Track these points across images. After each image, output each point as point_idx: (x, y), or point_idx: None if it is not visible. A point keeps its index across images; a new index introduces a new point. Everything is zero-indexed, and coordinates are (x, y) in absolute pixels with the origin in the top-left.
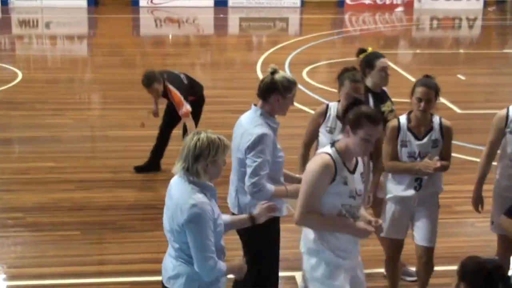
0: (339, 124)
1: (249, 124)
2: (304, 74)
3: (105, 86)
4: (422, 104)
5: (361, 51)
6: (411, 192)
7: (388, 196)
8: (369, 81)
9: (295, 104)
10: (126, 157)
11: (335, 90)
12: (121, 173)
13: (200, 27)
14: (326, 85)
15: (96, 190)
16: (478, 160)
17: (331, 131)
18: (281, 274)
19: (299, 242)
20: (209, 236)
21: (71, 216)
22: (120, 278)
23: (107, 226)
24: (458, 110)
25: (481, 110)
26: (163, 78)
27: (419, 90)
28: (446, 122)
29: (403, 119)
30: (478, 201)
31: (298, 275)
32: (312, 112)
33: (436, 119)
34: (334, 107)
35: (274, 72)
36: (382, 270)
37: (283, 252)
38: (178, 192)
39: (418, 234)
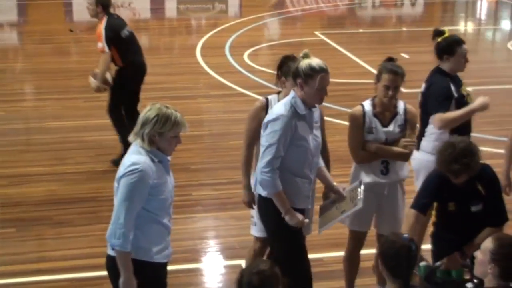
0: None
1: (278, 104)
2: (245, 57)
3: (38, 75)
4: (390, 92)
5: (438, 33)
6: (379, 177)
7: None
8: (445, 66)
9: (235, 87)
10: (63, 149)
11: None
12: (58, 166)
13: (136, 11)
14: (268, 68)
15: (32, 185)
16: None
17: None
18: (226, 263)
19: (245, 229)
20: (135, 199)
21: (5, 213)
22: (60, 275)
23: (44, 221)
24: (403, 90)
25: None
26: (107, 12)
27: (387, 77)
28: (410, 107)
29: (367, 105)
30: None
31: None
32: (256, 96)
33: (400, 104)
34: (274, 100)
35: (304, 56)
36: (332, 254)
37: (228, 241)
38: (127, 153)
39: (384, 224)
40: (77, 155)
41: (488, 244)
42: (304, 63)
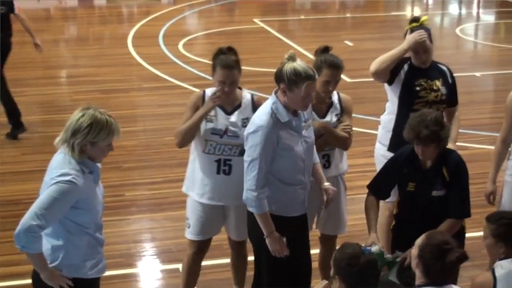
0: (220, 112)
1: (259, 110)
2: (180, 46)
3: None
4: (331, 87)
5: (413, 20)
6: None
7: None
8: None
9: (170, 79)
10: None
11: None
12: None
13: None
14: (204, 58)
15: None
16: (371, 131)
17: (211, 120)
18: (163, 267)
19: (182, 231)
20: (54, 208)
21: None
22: None
23: None
24: (347, 79)
25: (371, 78)
26: None
27: (328, 73)
28: (344, 95)
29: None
30: (492, 192)
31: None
32: (193, 89)
33: (334, 94)
34: (211, 93)
35: (290, 59)
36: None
37: (165, 243)
38: (55, 162)
39: (328, 222)
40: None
41: (419, 238)
42: (288, 67)
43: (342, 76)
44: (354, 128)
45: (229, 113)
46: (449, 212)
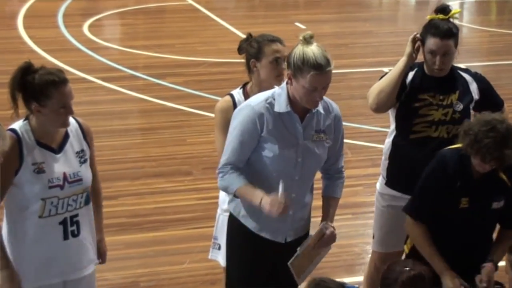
0: (47, 155)
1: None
2: (85, 29)
3: None
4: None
5: (440, 10)
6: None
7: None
8: None
9: (73, 70)
10: None
11: (134, 51)
12: None
13: None
14: (116, 44)
15: None
16: None
17: (41, 170)
18: None
19: None
20: None
21: None
22: None
23: None
24: None
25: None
26: None
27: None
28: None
29: (238, 95)
30: None
31: None
32: (100, 82)
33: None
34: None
35: (305, 41)
36: None
37: None
38: None
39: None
40: None
41: None
42: (298, 51)
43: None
44: None
45: (57, 151)
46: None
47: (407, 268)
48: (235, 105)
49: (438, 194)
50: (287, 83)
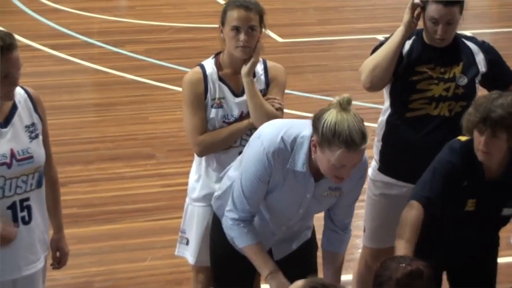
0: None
1: (275, 123)
2: None
3: None
4: (242, 36)
5: None
6: None
7: (200, 194)
8: None
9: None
10: None
11: (88, 14)
12: None
13: None
14: (68, 6)
15: None
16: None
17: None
18: None
19: None
20: None
21: None
22: None
23: None
24: (278, 39)
25: (314, 37)
26: None
27: (235, 15)
28: (273, 63)
29: (209, 66)
30: None
31: None
32: (51, 51)
33: (259, 62)
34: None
35: (341, 106)
36: None
37: None
38: None
39: None
40: None
41: None
42: (330, 117)
43: (272, 35)
44: (287, 111)
45: (3, 125)
46: None
47: (403, 265)
48: (205, 78)
49: (444, 190)
50: (311, 142)
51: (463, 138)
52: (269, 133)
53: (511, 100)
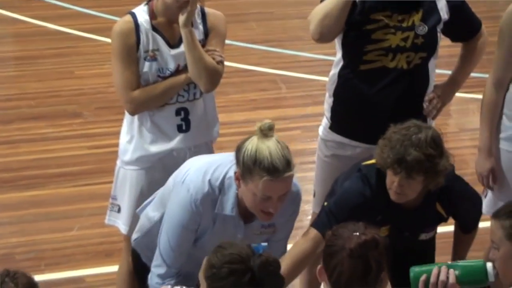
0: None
1: (201, 163)
2: None
3: None
4: None
5: None
6: (174, 139)
7: (133, 156)
8: None
9: None
10: None
11: None
12: None
13: None
14: None
15: None
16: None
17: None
18: None
19: None
20: None
21: None
22: None
23: None
24: None
25: None
26: None
27: None
28: (211, 10)
29: (141, 13)
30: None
31: None
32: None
33: (197, 9)
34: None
35: (262, 132)
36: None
37: None
38: None
39: None
40: None
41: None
42: (250, 145)
43: None
44: (227, 63)
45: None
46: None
47: (357, 233)
48: (137, 28)
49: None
50: (235, 181)
51: (371, 162)
52: (194, 177)
53: (431, 138)
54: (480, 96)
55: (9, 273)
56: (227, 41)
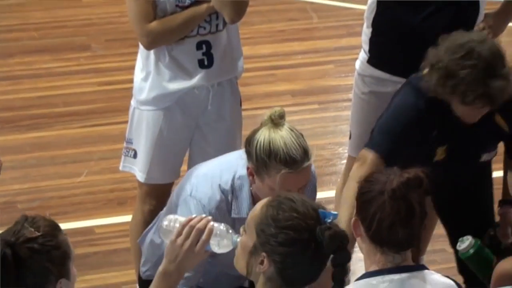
0: None
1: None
2: None
3: None
4: None
5: None
6: (196, 75)
7: (150, 95)
8: None
9: None
10: None
11: None
12: None
13: None
14: None
15: None
16: None
17: None
18: None
19: None
20: None
21: None
22: None
23: None
24: None
25: None
26: None
27: None
28: None
29: None
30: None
31: None
32: None
33: None
34: None
35: (272, 121)
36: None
37: None
38: None
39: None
40: None
41: None
42: (262, 137)
43: None
44: None
45: None
46: None
47: (396, 175)
48: None
49: (407, 140)
50: (249, 177)
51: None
52: (202, 186)
53: (497, 52)
54: None
55: (27, 218)
56: None
